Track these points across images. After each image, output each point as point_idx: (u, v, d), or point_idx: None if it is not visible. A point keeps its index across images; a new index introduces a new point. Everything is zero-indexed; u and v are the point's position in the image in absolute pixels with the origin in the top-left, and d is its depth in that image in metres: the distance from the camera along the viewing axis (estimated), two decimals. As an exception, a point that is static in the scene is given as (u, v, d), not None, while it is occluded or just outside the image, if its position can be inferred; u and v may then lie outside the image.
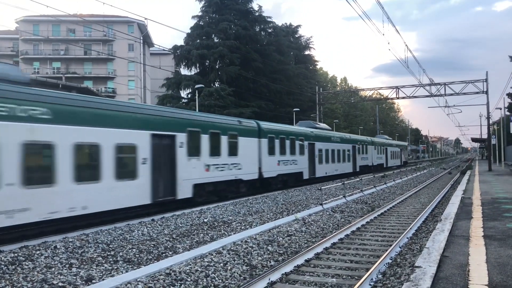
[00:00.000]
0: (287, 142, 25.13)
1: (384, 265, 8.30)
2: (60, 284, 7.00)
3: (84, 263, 8.34)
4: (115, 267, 8.07)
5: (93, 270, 7.81)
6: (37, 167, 11.14)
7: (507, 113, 50.60)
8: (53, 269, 7.85)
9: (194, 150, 16.64)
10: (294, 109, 44.56)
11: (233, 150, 19.37)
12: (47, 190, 10.90)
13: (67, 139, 11.47)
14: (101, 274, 7.60)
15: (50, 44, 64.26)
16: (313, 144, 29.20)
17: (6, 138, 10.10)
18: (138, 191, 13.70)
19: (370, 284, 7.14)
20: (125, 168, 13.38)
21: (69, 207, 11.36)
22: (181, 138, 15.93)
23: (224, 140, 18.73)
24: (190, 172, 16.35)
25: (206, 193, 17.68)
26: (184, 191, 15.89)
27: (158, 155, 14.63)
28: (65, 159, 11.35)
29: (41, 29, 62.33)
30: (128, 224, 12.49)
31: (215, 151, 18.06)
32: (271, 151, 23.16)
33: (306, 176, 27.57)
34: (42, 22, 62.07)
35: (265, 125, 23.34)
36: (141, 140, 13.92)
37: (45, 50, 64.91)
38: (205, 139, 17.40)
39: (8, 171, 10.06)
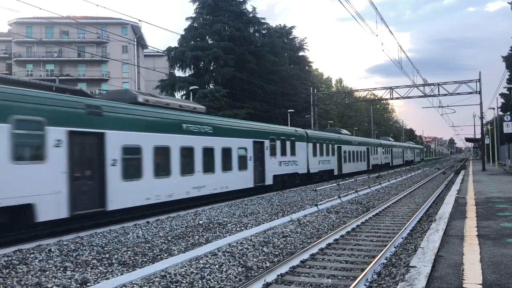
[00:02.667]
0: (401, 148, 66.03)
1: (379, 265, 8.32)
2: (54, 287, 6.97)
3: (78, 266, 8.31)
4: (110, 270, 8.04)
5: (88, 273, 7.78)
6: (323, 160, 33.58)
7: (500, 113, 50.88)
8: (48, 272, 7.81)
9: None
10: (289, 110, 44.64)
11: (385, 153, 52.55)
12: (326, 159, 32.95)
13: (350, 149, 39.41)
14: (96, 277, 7.57)
15: (43, 47, 63.96)
16: (390, 149, 57.34)
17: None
18: (364, 165, 42.49)
19: (365, 285, 7.16)
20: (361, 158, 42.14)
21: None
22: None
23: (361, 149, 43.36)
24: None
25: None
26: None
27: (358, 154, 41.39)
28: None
29: (34, 31, 62.00)
30: (123, 227, 12.44)
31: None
32: (383, 153, 51.56)
33: (391, 165, 56.54)
34: (35, 24, 61.72)
35: (384, 140, 56.46)
36: (373, 148, 45.99)
37: (38, 53, 64.62)
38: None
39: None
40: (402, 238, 10.97)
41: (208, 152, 17.43)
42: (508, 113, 31.01)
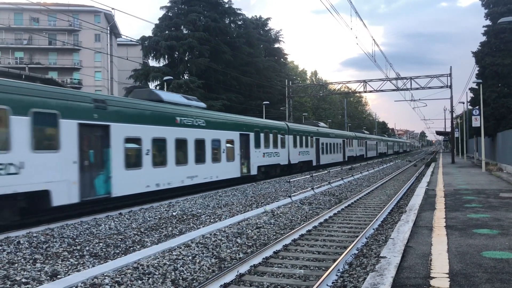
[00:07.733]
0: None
1: (351, 256, 8.47)
2: (23, 280, 6.83)
3: (49, 258, 8.16)
4: (81, 262, 7.93)
5: (58, 265, 7.65)
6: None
7: (470, 107, 52.15)
8: (16, 265, 7.65)
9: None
10: (264, 102, 44.64)
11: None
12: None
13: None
14: (66, 269, 7.46)
15: (12, 33, 62.00)
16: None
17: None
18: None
19: (337, 275, 7.27)
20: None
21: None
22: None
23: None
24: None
25: None
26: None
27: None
28: None
29: (2, 17, 59.94)
30: (94, 218, 12.28)
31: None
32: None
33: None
34: (3, 10, 59.72)
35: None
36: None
37: (7, 39, 62.57)
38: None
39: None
40: (373, 229, 11.18)
41: None
42: (476, 107, 31.81)
